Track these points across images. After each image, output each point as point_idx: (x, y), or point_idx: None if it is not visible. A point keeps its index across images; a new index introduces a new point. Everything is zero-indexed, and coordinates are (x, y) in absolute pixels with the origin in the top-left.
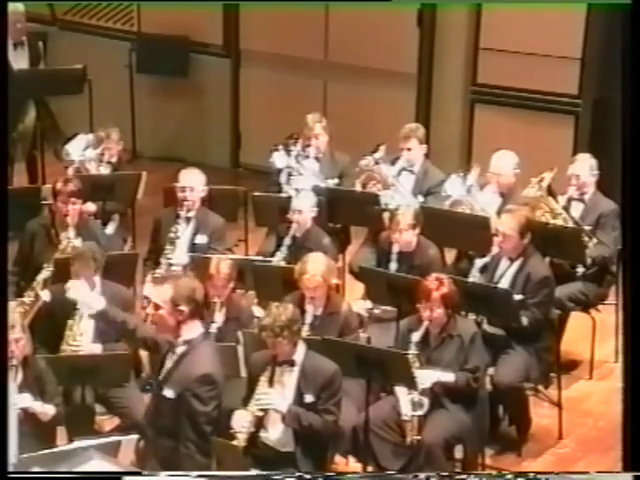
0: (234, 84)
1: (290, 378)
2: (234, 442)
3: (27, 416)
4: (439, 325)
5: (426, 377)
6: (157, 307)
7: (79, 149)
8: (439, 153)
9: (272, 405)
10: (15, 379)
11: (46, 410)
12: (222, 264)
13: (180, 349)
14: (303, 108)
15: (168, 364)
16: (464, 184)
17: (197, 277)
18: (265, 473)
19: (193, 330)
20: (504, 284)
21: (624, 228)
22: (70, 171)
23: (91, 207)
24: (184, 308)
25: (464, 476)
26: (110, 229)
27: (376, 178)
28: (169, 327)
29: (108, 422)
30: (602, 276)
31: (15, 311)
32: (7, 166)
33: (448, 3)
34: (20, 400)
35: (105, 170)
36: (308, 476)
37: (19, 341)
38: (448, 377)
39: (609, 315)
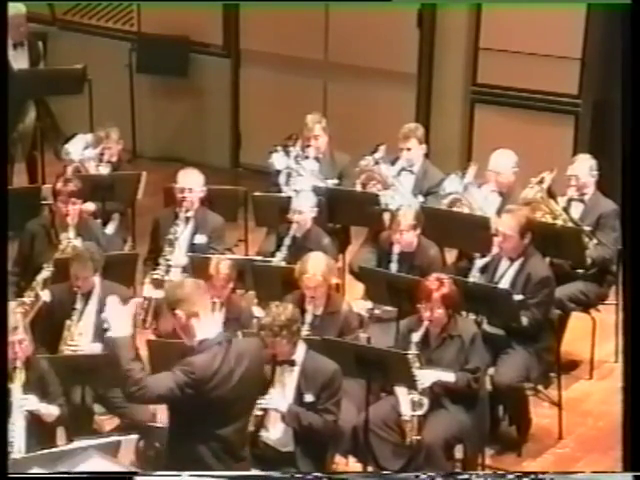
0: (234, 84)
1: (290, 378)
2: None
3: (32, 418)
4: (439, 325)
5: (426, 377)
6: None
7: (79, 148)
8: (439, 153)
9: (272, 405)
10: (19, 380)
11: (51, 411)
12: (222, 264)
13: (197, 348)
14: (303, 108)
15: None
16: (462, 182)
17: (196, 277)
18: (265, 473)
19: (205, 329)
20: (504, 284)
21: (624, 228)
22: (69, 170)
23: (90, 206)
24: (179, 312)
25: (466, 476)
26: (110, 229)
27: (376, 178)
28: (180, 331)
29: (108, 422)
30: (602, 276)
31: (17, 312)
32: (7, 166)
33: (448, 3)
34: (26, 402)
35: (105, 170)
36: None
37: (22, 342)
38: (448, 377)
39: (609, 315)
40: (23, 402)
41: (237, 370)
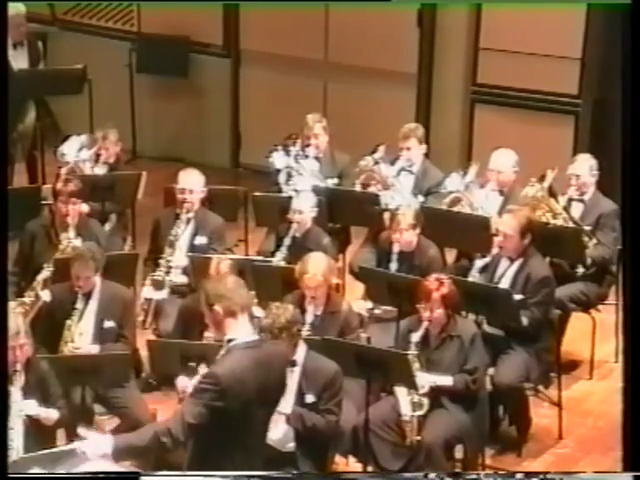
0: (234, 84)
1: (291, 378)
2: None
3: (31, 422)
4: (439, 325)
5: (424, 380)
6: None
7: (73, 150)
8: (439, 153)
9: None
10: (19, 382)
11: (50, 415)
12: (222, 264)
13: (225, 348)
14: (303, 108)
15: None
16: (463, 180)
17: (197, 278)
18: (265, 473)
19: (238, 329)
20: (504, 284)
21: (624, 228)
22: (63, 172)
23: (85, 208)
24: (218, 308)
25: (474, 476)
26: (107, 229)
27: (376, 178)
28: (213, 325)
29: (108, 422)
30: (602, 276)
31: (19, 314)
32: (7, 166)
33: (448, 3)
34: (25, 407)
35: (101, 170)
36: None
37: (24, 346)
38: (446, 380)
39: (609, 315)
40: (22, 407)
41: (261, 375)
